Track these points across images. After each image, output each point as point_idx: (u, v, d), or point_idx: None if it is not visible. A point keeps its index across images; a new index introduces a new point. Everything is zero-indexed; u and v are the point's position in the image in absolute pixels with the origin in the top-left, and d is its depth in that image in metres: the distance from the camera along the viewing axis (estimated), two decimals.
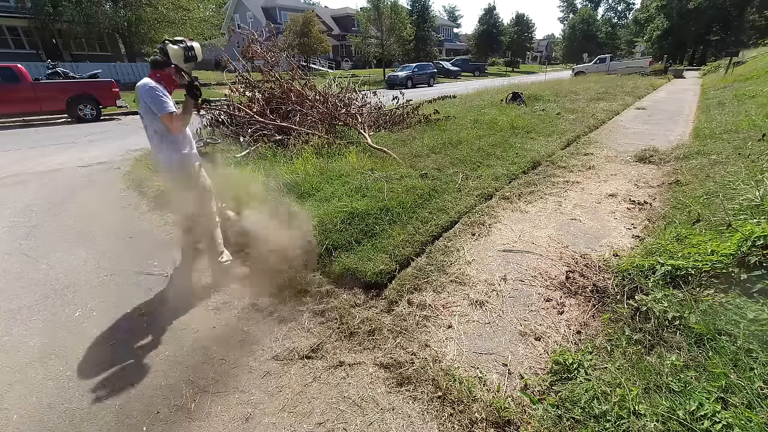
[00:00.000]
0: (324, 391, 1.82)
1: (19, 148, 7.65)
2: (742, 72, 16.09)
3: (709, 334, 1.76)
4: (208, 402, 1.79)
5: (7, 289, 2.77)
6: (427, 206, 3.59)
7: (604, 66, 25.84)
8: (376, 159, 4.80)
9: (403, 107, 7.53)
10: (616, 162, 5.31)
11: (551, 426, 1.51)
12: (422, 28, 36.16)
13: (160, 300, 2.60)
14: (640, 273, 2.34)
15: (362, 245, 2.92)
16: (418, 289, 2.52)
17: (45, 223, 3.95)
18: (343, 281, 2.63)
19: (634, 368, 1.68)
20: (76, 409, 1.77)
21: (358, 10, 32.38)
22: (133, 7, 19.56)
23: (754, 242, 2.11)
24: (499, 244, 3.12)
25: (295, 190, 3.82)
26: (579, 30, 50.80)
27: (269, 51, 6.29)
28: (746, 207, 2.80)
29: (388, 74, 25.86)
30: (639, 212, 3.61)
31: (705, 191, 3.50)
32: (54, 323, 2.38)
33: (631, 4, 56.81)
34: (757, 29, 32.52)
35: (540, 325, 2.18)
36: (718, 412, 1.39)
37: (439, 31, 46.19)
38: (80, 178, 5.53)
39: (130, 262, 3.09)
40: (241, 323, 2.33)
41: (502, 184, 4.35)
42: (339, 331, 2.19)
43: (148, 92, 2.25)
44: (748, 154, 4.39)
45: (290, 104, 6.17)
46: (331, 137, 5.68)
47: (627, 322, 2.01)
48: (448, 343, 2.07)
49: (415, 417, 1.66)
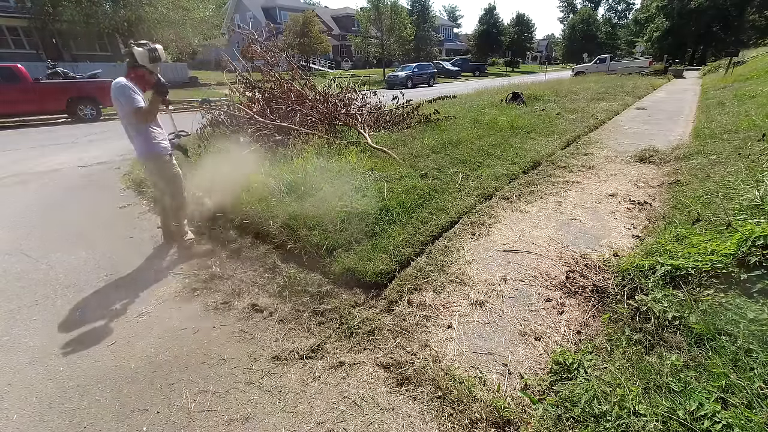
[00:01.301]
0: (324, 391, 1.82)
1: (19, 148, 7.66)
2: (742, 72, 16.09)
3: (709, 334, 1.76)
4: (208, 402, 1.79)
5: (7, 289, 2.77)
6: (427, 206, 3.59)
7: (604, 66, 25.83)
8: (376, 159, 4.80)
9: (403, 107, 7.52)
10: (616, 162, 5.31)
11: (551, 426, 1.51)
12: (422, 28, 36.20)
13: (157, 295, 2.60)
14: (640, 273, 2.34)
15: (362, 245, 2.92)
16: (418, 289, 2.52)
17: (45, 223, 3.95)
18: (343, 281, 2.63)
19: (634, 368, 1.68)
20: (76, 409, 1.77)
21: (358, 10, 32.41)
22: (133, 7, 19.55)
23: (754, 242, 2.11)
24: (499, 244, 3.12)
25: (295, 189, 3.82)
26: (579, 30, 50.76)
27: (269, 51, 6.28)
28: (746, 207, 2.79)
29: (388, 74, 25.88)
30: (639, 212, 3.61)
31: (705, 191, 3.50)
32: (54, 323, 2.38)
33: (631, 4, 56.86)
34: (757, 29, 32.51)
35: (540, 325, 2.18)
36: (718, 412, 1.39)
37: (439, 31, 46.23)
38: (80, 178, 5.54)
39: (129, 261, 3.10)
40: (241, 323, 2.33)
41: (502, 184, 4.34)
42: (339, 331, 2.19)
43: (120, 89, 2.61)
44: (748, 154, 4.39)
45: (290, 104, 6.17)
46: (331, 137, 5.68)
47: (627, 322, 2.01)
48: (448, 343, 2.07)
49: (415, 417, 1.66)
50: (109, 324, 2.37)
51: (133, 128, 2.75)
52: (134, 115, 2.66)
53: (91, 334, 2.28)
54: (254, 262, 2.99)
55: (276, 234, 3.13)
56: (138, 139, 2.79)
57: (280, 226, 3.17)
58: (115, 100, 2.68)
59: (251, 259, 3.03)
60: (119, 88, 2.62)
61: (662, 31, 35.77)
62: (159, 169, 2.92)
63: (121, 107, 2.67)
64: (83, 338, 2.25)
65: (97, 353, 2.12)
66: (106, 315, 2.45)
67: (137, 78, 2.72)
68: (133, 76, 2.71)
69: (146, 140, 2.79)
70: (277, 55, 6.38)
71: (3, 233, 3.71)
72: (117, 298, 2.64)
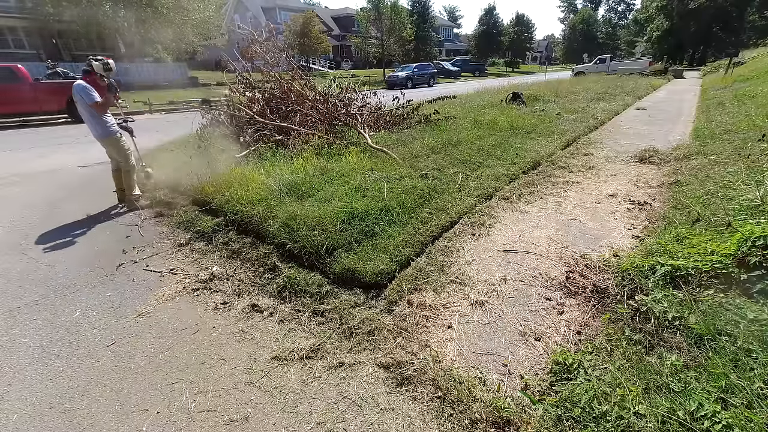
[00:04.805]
0: (324, 391, 1.82)
1: (19, 148, 7.66)
2: (742, 72, 16.09)
3: (709, 334, 1.76)
4: (208, 402, 1.79)
5: (7, 289, 2.77)
6: (427, 206, 3.59)
7: (604, 66, 25.85)
8: (376, 159, 4.80)
9: (403, 107, 7.53)
10: (616, 162, 5.31)
11: (551, 426, 1.51)
12: (422, 28, 36.17)
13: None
14: (640, 273, 2.34)
15: (362, 245, 2.92)
16: (418, 290, 2.52)
17: (45, 223, 3.95)
18: (343, 281, 2.63)
19: (634, 368, 1.68)
20: (76, 409, 1.77)
21: (358, 11, 32.41)
22: (133, 8, 19.54)
23: (754, 242, 2.11)
24: (499, 245, 3.12)
25: (295, 190, 3.82)
26: (579, 30, 50.84)
27: (269, 51, 6.29)
28: (746, 207, 2.80)
29: (388, 74, 25.88)
30: (639, 212, 3.61)
31: (705, 191, 3.50)
32: (54, 323, 2.38)
33: (631, 4, 56.80)
34: (757, 29, 32.48)
35: (540, 325, 2.18)
36: (718, 413, 1.39)
37: (439, 31, 46.21)
38: (80, 178, 5.54)
39: (128, 260, 3.10)
40: (241, 323, 2.33)
41: (502, 185, 4.35)
42: (339, 332, 2.19)
43: (82, 89, 3.80)
44: (748, 154, 4.39)
45: (290, 104, 6.17)
46: (331, 137, 5.68)
47: (627, 322, 2.01)
48: (448, 344, 2.07)
49: (415, 417, 1.66)
50: (109, 324, 2.37)
51: (92, 116, 3.91)
52: (93, 108, 3.84)
53: (91, 334, 2.28)
54: (254, 262, 3.00)
55: (276, 234, 3.13)
56: (95, 125, 3.95)
57: (280, 226, 3.17)
58: (77, 95, 3.80)
59: (250, 259, 3.03)
60: (81, 87, 3.80)
61: (662, 31, 35.74)
62: (113, 145, 4.12)
63: (81, 101, 3.83)
64: (83, 338, 2.25)
65: (97, 353, 2.12)
66: (106, 315, 2.46)
67: (91, 81, 3.92)
68: (88, 80, 3.93)
69: (102, 125, 3.98)
70: (277, 55, 6.39)
71: (3, 233, 3.71)
72: (117, 297, 2.64)
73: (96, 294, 2.69)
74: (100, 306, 2.55)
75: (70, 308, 2.53)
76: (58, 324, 2.38)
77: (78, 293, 2.70)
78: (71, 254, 3.28)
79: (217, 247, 3.27)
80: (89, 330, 2.31)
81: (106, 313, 2.47)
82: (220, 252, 3.20)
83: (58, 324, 2.38)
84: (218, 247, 3.26)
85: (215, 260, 3.10)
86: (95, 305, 2.56)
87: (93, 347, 2.17)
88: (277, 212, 3.34)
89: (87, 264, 3.10)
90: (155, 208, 4.24)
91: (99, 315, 2.46)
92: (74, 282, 2.84)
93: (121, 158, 4.19)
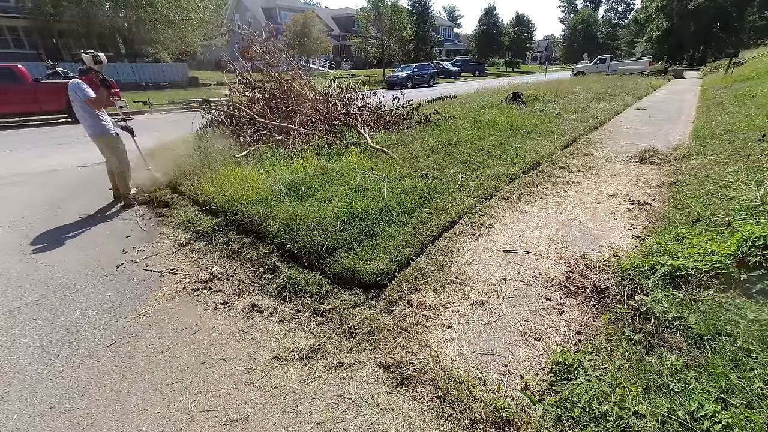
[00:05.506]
0: (324, 391, 1.82)
1: (19, 148, 7.65)
2: (742, 72, 16.09)
3: (709, 334, 1.76)
4: (208, 402, 1.79)
5: (7, 289, 2.77)
6: (427, 206, 3.59)
7: (604, 66, 25.85)
8: (376, 159, 4.80)
9: (403, 107, 7.53)
10: (616, 162, 5.31)
11: (551, 426, 1.51)
12: (422, 28, 36.18)
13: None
14: (640, 273, 2.34)
15: (362, 245, 2.92)
16: (418, 290, 2.52)
17: (45, 223, 3.95)
18: (343, 281, 2.63)
19: (634, 368, 1.68)
20: (76, 409, 1.77)
21: (358, 11, 32.40)
22: (133, 8, 19.55)
23: (754, 242, 2.11)
24: (499, 245, 3.12)
25: (295, 190, 3.82)
26: (579, 30, 50.87)
27: (269, 51, 6.30)
28: (746, 207, 2.80)
29: (388, 74, 25.87)
30: (639, 212, 3.61)
31: (705, 191, 3.50)
32: (54, 323, 2.38)
33: (631, 4, 56.79)
34: (757, 29, 32.47)
35: (540, 325, 2.18)
36: (718, 413, 1.39)
37: (439, 31, 46.21)
38: (80, 178, 5.54)
39: (128, 260, 3.10)
40: (241, 323, 2.33)
41: (502, 185, 4.34)
42: (339, 332, 2.19)
43: (77, 86, 3.84)
44: (748, 154, 4.39)
45: (290, 104, 6.17)
46: (331, 137, 5.68)
47: (627, 322, 2.01)
48: (448, 344, 2.07)
49: (415, 417, 1.66)
50: (109, 324, 2.37)
51: (82, 112, 3.89)
52: (88, 103, 3.82)
53: (91, 334, 2.28)
54: (254, 262, 3.00)
55: (276, 234, 3.13)
56: (90, 122, 3.93)
57: (280, 226, 3.17)
58: (72, 92, 3.82)
59: (250, 259, 3.03)
60: (76, 85, 3.83)
61: (662, 31, 35.72)
62: (107, 144, 4.07)
63: (76, 98, 3.83)
64: (83, 338, 2.25)
65: (97, 353, 2.12)
66: (106, 315, 2.45)
67: (87, 80, 3.99)
68: (84, 78, 4.01)
69: (97, 123, 3.95)
70: (277, 55, 6.39)
71: (3, 233, 3.71)
72: (117, 297, 2.64)
73: (96, 294, 2.69)
74: (100, 306, 2.55)
75: (70, 308, 2.53)
76: (58, 324, 2.38)
77: (78, 293, 2.70)
78: (71, 254, 3.28)
79: (217, 247, 3.27)
80: (89, 330, 2.31)
81: (106, 313, 2.47)
82: (220, 252, 3.20)
83: (58, 324, 2.38)
84: (218, 247, 3.26)
85: (215, 260, 3.10)
86: (95, 305, 2.56)
87: (93, 347, 2.17)
88: (277, 212, 3.34)
89: (87, 264, 3.10)
90: (156, 209, 4.21)
91: (99, 315, 2.46)
92: (74, 282, 2.84)
93: (115, 159, 4.14)
